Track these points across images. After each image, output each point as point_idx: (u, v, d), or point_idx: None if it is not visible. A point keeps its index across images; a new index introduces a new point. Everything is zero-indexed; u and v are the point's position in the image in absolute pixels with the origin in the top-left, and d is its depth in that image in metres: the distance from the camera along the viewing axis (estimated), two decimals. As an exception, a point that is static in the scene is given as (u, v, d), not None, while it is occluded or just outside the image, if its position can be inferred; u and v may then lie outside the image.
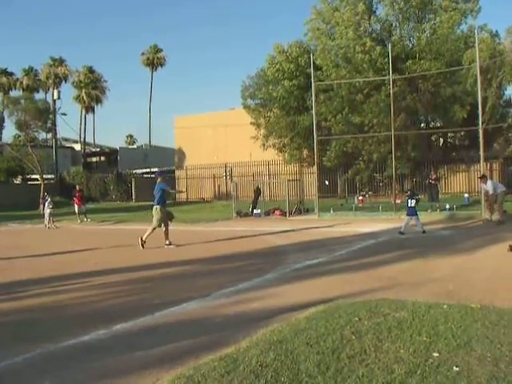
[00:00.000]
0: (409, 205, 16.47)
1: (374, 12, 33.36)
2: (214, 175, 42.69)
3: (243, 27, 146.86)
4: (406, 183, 32.82)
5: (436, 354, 4.82)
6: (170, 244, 15.23)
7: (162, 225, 15.50)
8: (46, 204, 25.18)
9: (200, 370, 4.70)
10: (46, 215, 24.85)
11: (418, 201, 16.89)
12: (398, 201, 24.34)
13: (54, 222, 24.85)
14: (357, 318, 6.07)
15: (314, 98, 25.85)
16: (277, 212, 25.64)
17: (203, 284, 9.46)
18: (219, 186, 42.89)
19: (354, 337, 5.40)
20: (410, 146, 30.96)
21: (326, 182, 32.47)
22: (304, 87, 33.51)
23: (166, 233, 15.45)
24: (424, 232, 16.08)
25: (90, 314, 7.41)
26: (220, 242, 16.21)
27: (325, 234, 17.09)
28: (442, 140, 37.71)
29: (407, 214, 16.54)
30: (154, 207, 15.55)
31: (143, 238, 15.12)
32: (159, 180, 16.02)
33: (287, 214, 24.68)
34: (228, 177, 40.74)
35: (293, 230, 18.52)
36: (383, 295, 7.47)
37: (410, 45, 32.34)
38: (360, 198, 29.22)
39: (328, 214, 24.13)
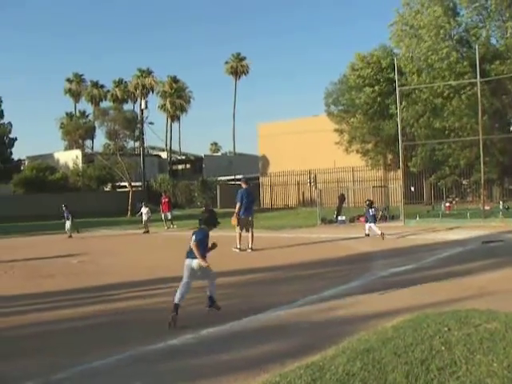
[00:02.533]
0: (370, 213, 18.54)
1: (457, 14, 32.47)
2: (298, 182, 42.70)
3: (325, 33, 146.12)
4: (495, 189, 31.73)
5: (532, 369, 4.61)
6: (239, 249, 15.51)
7: (240, 228, 15.78)
8: (142, 210, 26.07)
9: (286, 377, 4.69)
10: (144, 221, 25.69)
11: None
12: (487, 207, 23.56)
13: (147, 227, 25.59)
14: (446, 329, 5.89)
15: (398, 103, 25.38)
16: (362, 219, 25.29)
17: (289, 290, 9.50)
18: (303, 193, 42.85)
19: (443, 348, 5.25)
20: (497, 151, 29.88)
21: (412, 189, 31.86)
22: (386, 93, 33.08)
23: (240, 237, 15.73)
24: (367, 235, 18.22)
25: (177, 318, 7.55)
26: (305, 249, 16.21)
27: (411, 242, 16.77)
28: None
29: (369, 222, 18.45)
30: (244, 218, 15.86)
31: (250, 246, 15.58)
32: (245, 186, 16.22)
33: (372, 221, 24.31)
34: (312, 183, 40.62)
35: (378, 237, 18.26)
36: (473, 305, 7.22)
37: (497, 45, 31.27)
38: (447, 204, 28.42)
39: (414, 220, 23.61)
